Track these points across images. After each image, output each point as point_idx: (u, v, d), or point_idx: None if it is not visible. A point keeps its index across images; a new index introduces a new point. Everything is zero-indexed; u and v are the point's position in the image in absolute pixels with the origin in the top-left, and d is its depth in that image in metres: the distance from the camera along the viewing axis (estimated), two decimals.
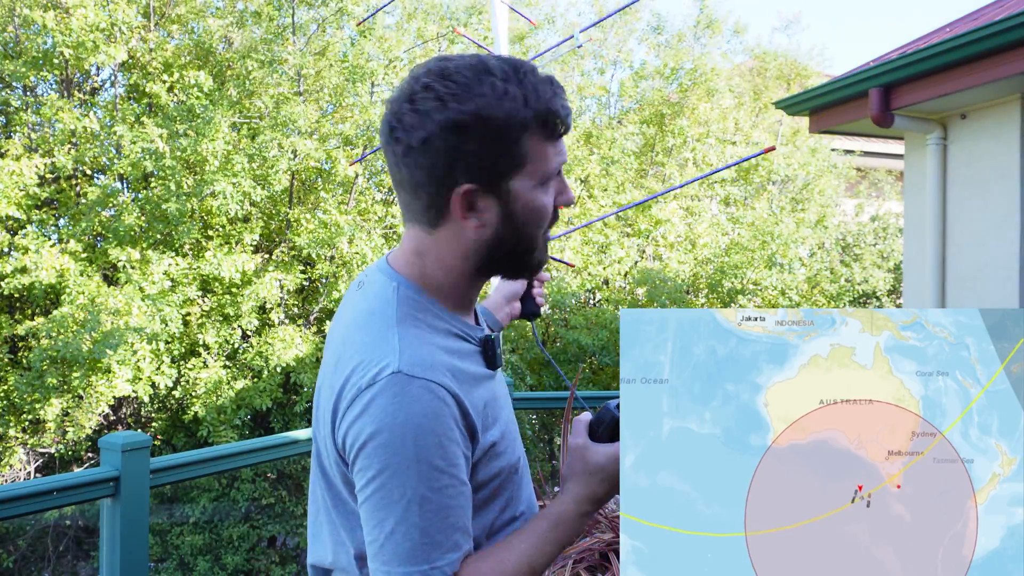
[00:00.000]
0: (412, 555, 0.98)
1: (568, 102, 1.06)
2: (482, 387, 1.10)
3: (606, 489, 1.10)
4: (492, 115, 1.01)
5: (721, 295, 9.49)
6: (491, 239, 1.08)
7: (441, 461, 0.99)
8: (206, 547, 6.70)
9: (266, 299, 7.46)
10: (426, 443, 0.98)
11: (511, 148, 1.03)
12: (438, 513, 0.99)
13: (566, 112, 1.05)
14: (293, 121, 7.52)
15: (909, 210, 5.24)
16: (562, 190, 1.10)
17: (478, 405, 1.07)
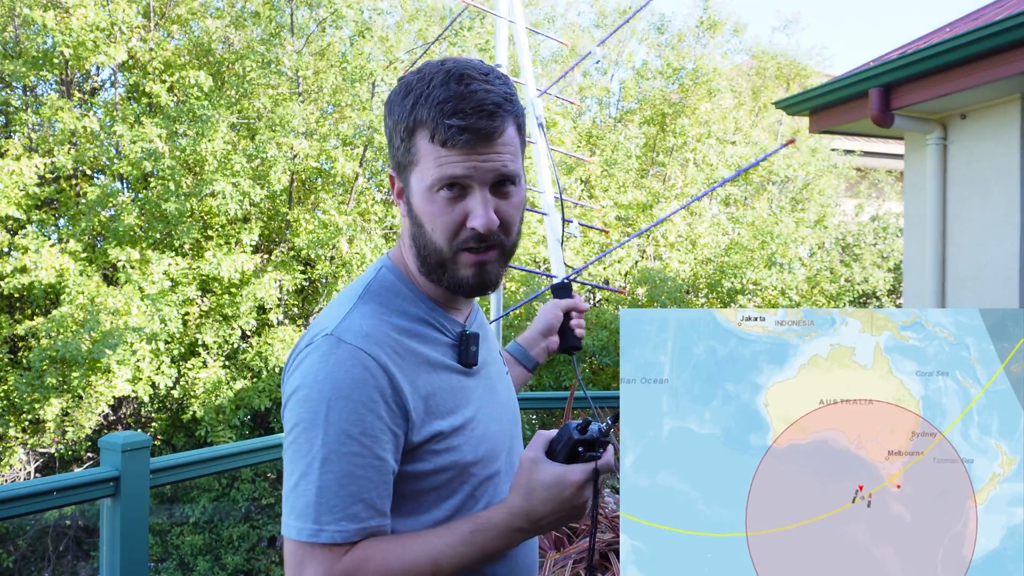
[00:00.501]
0: (304, 511, 0.99)
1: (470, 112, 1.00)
2: (439, 376, 1.08)
3: (547, 510, 1.01)
4: (393, 105, 1.07)
5: (721, 295, 9.49)
6: (415, 236, 1.09)
7: (353, 428, 0.99)
8: (206, 547, 6.70)
9: (265, 299, 7.47)
10: (340, 407, 0.99)
11: (407, 144, 1.05)
12: (339, 478, 0.98)
13: (458, 124, 1.00)
14: (289, 121, 7.52)
15: (909, 210, 5.24)
16: (474, 211, 1.03)
17: (422, 389, 1.05)
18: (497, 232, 1.05)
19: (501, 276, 1.11)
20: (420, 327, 1.10)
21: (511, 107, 1.05)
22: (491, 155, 1.02)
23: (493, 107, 1.02)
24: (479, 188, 1.03)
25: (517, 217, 1.09)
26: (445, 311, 1.13)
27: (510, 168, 1.04)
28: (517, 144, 1.07)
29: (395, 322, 1.07)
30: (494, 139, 1.02)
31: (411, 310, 1.10)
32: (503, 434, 1.17)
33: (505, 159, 1.04)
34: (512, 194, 1.07)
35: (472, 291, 1.09)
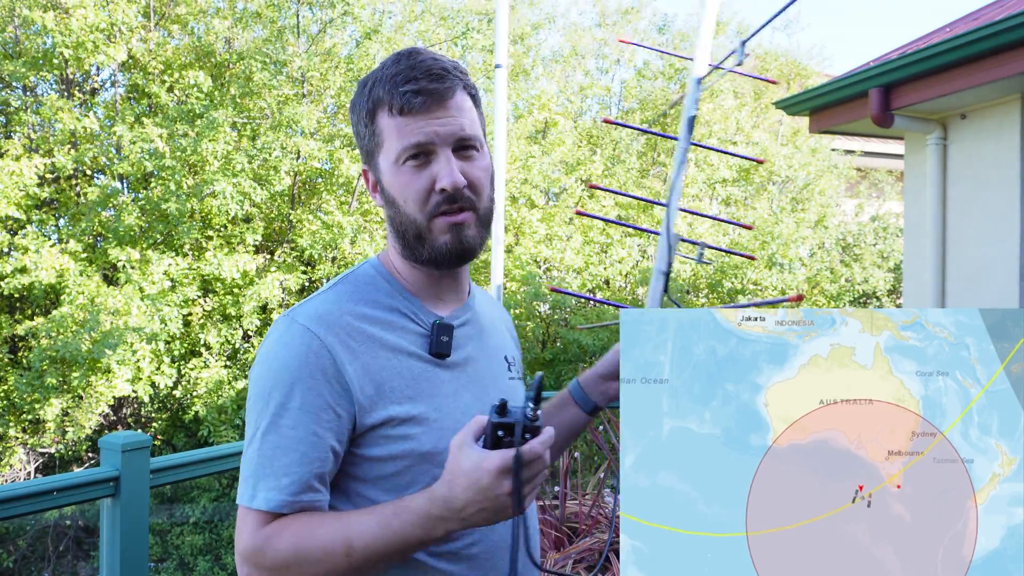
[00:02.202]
0: (246, 478, 1.04)
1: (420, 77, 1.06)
2: (400, 362, 1.09)
3: (467, 498, 0.95)
4: (356, 100, 1.13)
5: (721, 295, 9.49)
6: (391, 218, 1.13)
7: (291, 402, 1.02)
8: (206, 547, 6.70)
9: (267, 299, 7.47)
10: (282, 380, 1.03)
11: (371, 128, 1.11)
12: (274, 449, 1.02)
13: (405, 90, 1.06)
14: (296, 122, 7.52)
15: (909, 210, 5.24)
16: (439, 173, 1.07)
17: (377, 374, 1.06)
18: (467, 193, 1.08)
19: (480, 242, 1.12)
20: (390, 315, 1.11)
21: (460, 75, 1.10)
22: (447, 118, 1.07)
23: (442, 71, 1.07)
24: (441, 151, 1.07)
25: (485, 180, 1.11)
26: (424, 303, 1.15)
27: (467, 131, 1.08)
28: (474, 112, 1.11)
29: (359, 310, 1.10)
30: (447, 101, 1.07)
31: (383, 300, 1.12)
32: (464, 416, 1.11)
33: (462, 122, 1.08)
34: (475, 158, 1.10)
35: (452, 257, 1.10)
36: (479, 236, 1.12)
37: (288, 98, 7.97)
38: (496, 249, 3.73)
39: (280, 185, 7.76)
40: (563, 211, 9.61)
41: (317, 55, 8.09)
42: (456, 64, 1.11)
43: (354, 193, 8.45)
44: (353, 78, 8.06)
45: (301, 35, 8.25)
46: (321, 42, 8.25)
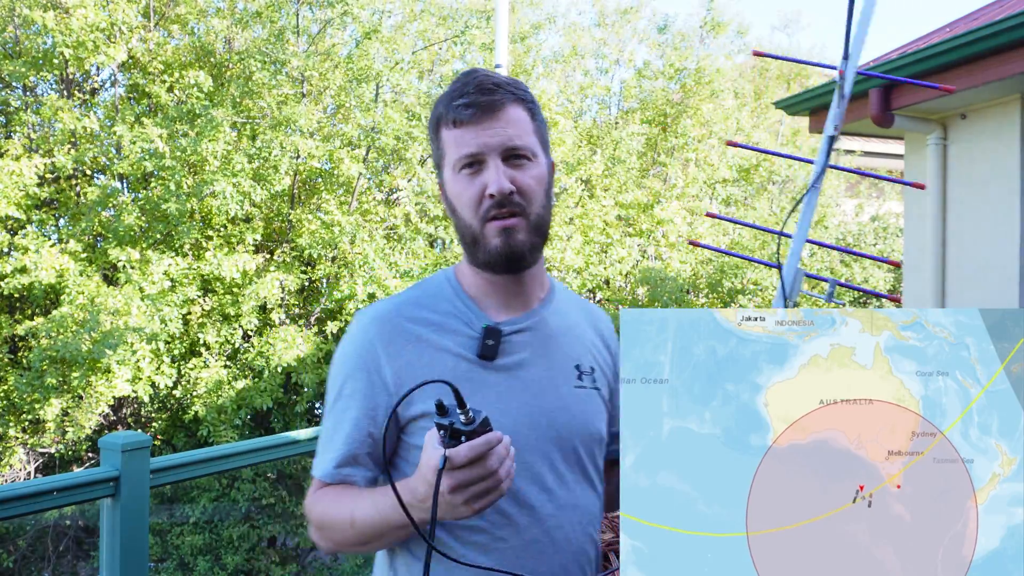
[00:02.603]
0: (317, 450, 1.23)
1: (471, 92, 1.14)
2: (443, 361, 1.17)
3: (424, 492, 1.00)
4: (428, 121, 1.24)
5: (721, 295, 9.49)
6: (455, 224, 1.22)
7: (344, 390, 1.19)
8: (206, 547, 6.70)
9: (267, 299, 7.47)
10: (341, 370, 1.21)
11: (436, 142, 1.21)
12: (329, 430, 1.21)
13: (457, 104, 1.15)
14: (295, 121, 7.52)
15: (909, 210, 5.24)
16: (488, 179, 1.14)
17: (418, 370, 1.16)
18: (517, 199, 1.14)
19: (530, 246, 1.17)
20: (445, 319, 1.21)
21: (514, 89, 1.17)
22: (497, 129, 1.14)
23: (493, 85, 1.15)
24: (491, 159, 1.14)
25: (537, 188, 1.17)
26: (485, 308, 1.23)
27: (516, 142, 1.15)
28: (527, 124, 1.18)
29: (416, 313, 1.21)
30: (496, 113, 1.15)
31: (443, 305, 1.22)
32: (519, 435, 1.15)
33: (510, 133, 1.15)
34: (527, 167, 1.16)
35: (503, 260, 1.16)
36: (529, 241, 1.17)
37: (287, 98, 7.97)
38: None
39: (280, 185, 7.76)
40: (563, 211, 9.62)
41: (317, 55, 8.09)
42: (512, 81, 1.19)
43: (354, 193, 8.45)
44: (353, 78, 8.06)
45: (301, 35, 8.25)
46: (321, 42, 8.25)
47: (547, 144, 1.23)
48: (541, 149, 1.20)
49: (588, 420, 1.24)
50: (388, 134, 7.82)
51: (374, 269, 7.68)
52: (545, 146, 1.22)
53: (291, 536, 7.27)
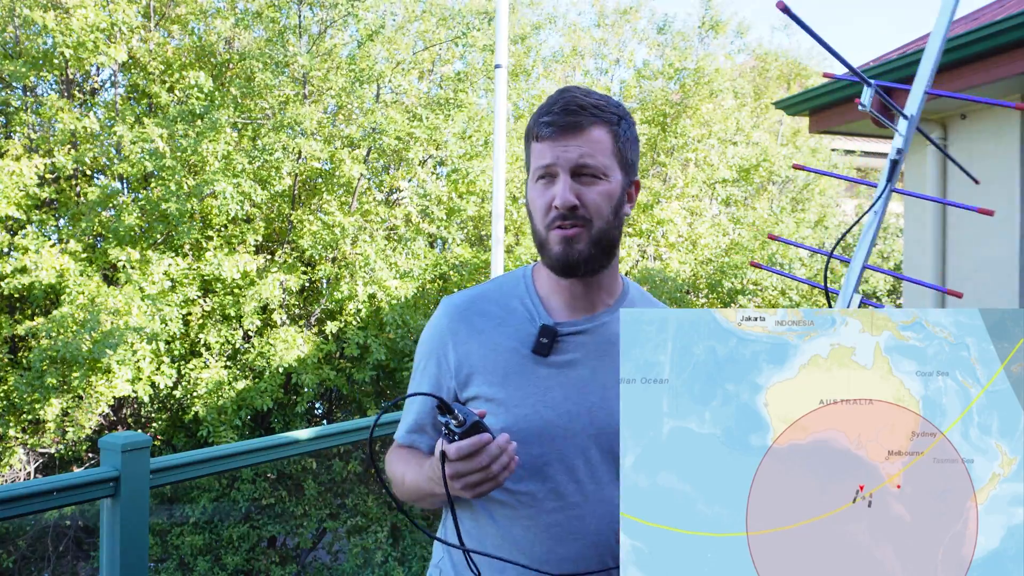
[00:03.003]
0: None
1: (556, 111, 1.25)
2: (499, 352, 1.32)
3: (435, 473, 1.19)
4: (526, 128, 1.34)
5: (721, 295, 9.49)
6: (531, 227, 1.34)
7: (420, 368, 1.39)
8: (206, 547, 6.70)
9: (268, 300, 7.46)
10: (421, 350, 1.40)
11: (526, 151, 1.33)
12: (407, 401, 1.41)
13: (542, 120, 1.26)
14: (299, 123, 7.52)
15: (909, 210, 5.24)
16: (557, 191, 1.25)
17: (477, 358, 1.32)
18: (581, 212, 1.25)
19: (589, 257, 1.27)
20: (510, 314, 1.35)
21: (599, 112, 1.26)
22: (572, 146, 1.24)
23: (577, 108, 1.25)
24: (562, 173, 1.25)
25: (603, 204, 1.26)
26: (550, 307, 1.35)
27: (588, 160, 1.24)
28: (608, 144, 1.27)
29: (485, 307, 1.36)
30: (576, 133, 1.24)
31: (511, 301, 1.36)
32: (558, 426, 1.29)
33: (585, 151, 1.24)
34: (595, 184, 1.26)
35: (561, 266, 1.28)
36: (588, 251, 1.27)
37: (289, 98, 7.96)
38: (496, 249, 3.73)
39: (281, 185, 7.76)
40: None
41: (318, 55, 8.09)
42: (600, 103, 1.27)
43: (354, 193, 8.45)
44: (355, 78, 8.06)
45: (302, 36, 8.25)
46: (322, 42, 8.25)
47: (629, 165, 1.31)
48: (619, 169, 1.28)
49: None
50: (390, 135, 7.82)
51: (375, 270, 7.68)
52: (626, 166, 1.30)
53: (291, 536, 7.27)
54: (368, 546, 6.78)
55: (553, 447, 1.28)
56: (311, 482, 7.10)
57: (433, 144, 8.45)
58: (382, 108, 8.18)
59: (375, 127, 7.94)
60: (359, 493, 7.28)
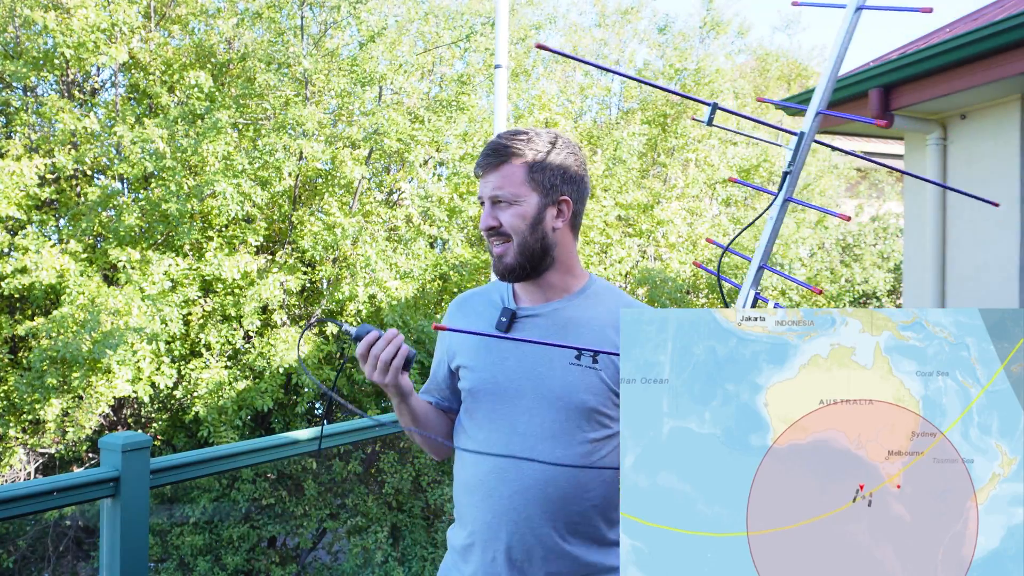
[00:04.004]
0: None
1: (482, 153, 1.60)
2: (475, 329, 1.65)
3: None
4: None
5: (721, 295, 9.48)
6: None
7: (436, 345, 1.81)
8: (206, 547, 6.70)
9: (268, 300, 7.46)
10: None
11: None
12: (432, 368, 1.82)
13: (478, 160, 1.60)
14: (301, 124, 7.51)
15: (909, 210, 5.24)
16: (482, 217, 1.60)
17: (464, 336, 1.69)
18: (502, 230, 1.57)
19: (518, 265, 1.58)
20: (490, 305, 1.69)
21: (513, 151, 1.56)
22: (489, 180, 1.58)
23: (493, 150, 1.58)
24: (485, 202, 1.59)
25: (517, 223, 1.56)
26: (518, 299, 1.67)
27: (498, 192, 1.56)
28: (520, 176, 1.57)
29: (477, 298, 1.74)
30: (491, 169, 1.58)
31: (494, 296, 1.71)
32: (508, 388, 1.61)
33: (496, 184, 1.56)
34: (509, 208, 1.56)
35: (497, 273, 1.62)
36: (515, 261, 1.58)
37: (290, 99, 7.96)
38: None
39: (281, 186, 7.76)
40: None
41: (320, 56, 8.09)
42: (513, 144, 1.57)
43: (355, 194, 8.45)
44: (356, 79, 8.06)
45: (304, 36, 8.24)
46: (324, 43, 8.25)
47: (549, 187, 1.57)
48: (535, 193, 1.56)
49: (572, 391, 1.57)
50: (391, 136, 7.82)
51: (375, 271, 7.68)
52: (545, 189, 1.57)
53: (291, 536, 7.27)
54: (368, 546, 6.78)
55: (503, 404, 1.60)
56: (311, 482, 7.10)
57: (434, 146, 8.46)
58: (383, 110, 8.18)
59: (376, 129, 7.94)
60: (359, 493, 7.28)
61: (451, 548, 1.70)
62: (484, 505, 1.58)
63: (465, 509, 1.64)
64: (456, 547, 1.67)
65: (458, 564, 1.66)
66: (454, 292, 9.14)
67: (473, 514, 1.61)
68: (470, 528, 1.62)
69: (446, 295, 9.23)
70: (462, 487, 1.66)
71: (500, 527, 1.56)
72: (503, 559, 1.56)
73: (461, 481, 1.66)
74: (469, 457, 1.64)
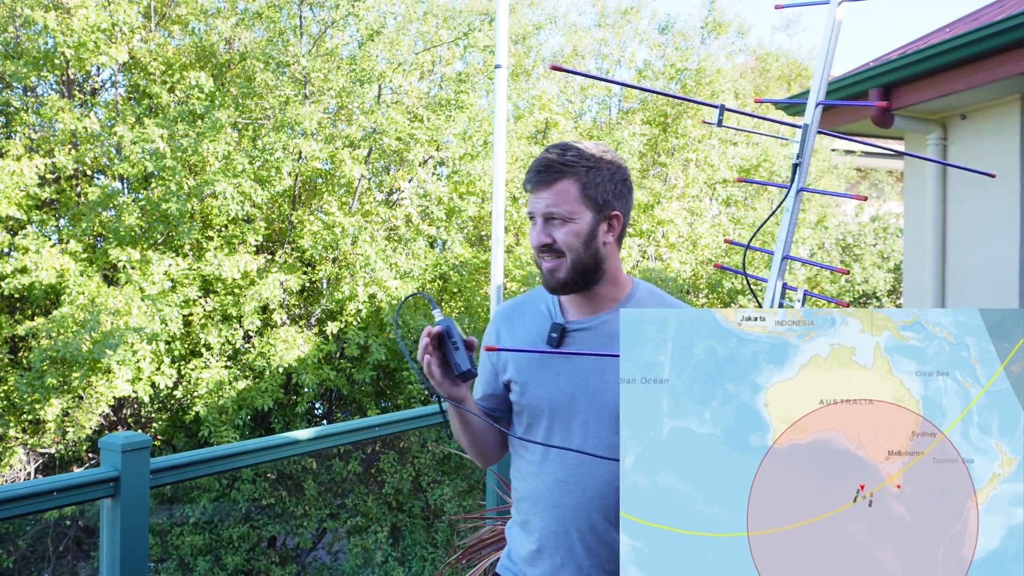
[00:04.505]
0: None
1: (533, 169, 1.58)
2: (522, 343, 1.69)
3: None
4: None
5: (721, 295, 9.49)
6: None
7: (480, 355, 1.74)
8: (206, 547, 6.70)
9: (268, 300, 7.46)
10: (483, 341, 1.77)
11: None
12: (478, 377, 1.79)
13: (528, 176, 1.59)
14: (299, 123, 7.51)
15: (909, 210, 5.24)
16: (534, 232, 1.60)
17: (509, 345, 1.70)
18: (556, 247, 1.57)
19: (569, 280, 1.59)
20: (538, 316, 1.70)
21: (566, 168, 1.57)
22: (543, 197, 1.57)
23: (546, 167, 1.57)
24: (538, 218, 1.59)
25: (572, 240, 1.57)
26: (567, 310, 1.68)
27: (553, 209, 1.56)
28: (574, 193, 1.57)
29: (521, 309, 1.74)
30: (545, 187, 1.57)
31: (540, 305, 1.72)
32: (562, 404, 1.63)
33: (551, 201, 1.56)
34: (564, 225, 1.57)
35: (548, 288, 1.63)
36: (567, 276, 1.59)
37: (289, 99, 7.96)
38: (496, 249, 3.73)
39: (281, 185, 7.76)
40: None
41: (319, 55, 8.09)
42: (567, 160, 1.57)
43: (355, 194, 8.45)
44: (356, 79, 8.05)
45: (303, 36, 8.24)
46: (323, 42, 8.25)
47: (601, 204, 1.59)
48: (589, 210, 1.57)
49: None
50: (391, 135, 7.81)
51: (375, 270, 7.68)
52: (597, 206, 1.58)
53: (291, 536, 7.27)
54: (368, 546, 6.78)
55: (558, 420, 1.63)
56: (311, 482, 7.10)
57: (434, 145, 8.45)
58: (383, 109, 8.17)
59: (376, 128, 7.94)
60: (359, 493, 7.28)
61: (514, 553, 1.73)
62: (550, 516, 1.63)
63: (531, 517, 1.68)
64: (522, 554, 1.70)
65: (524, 568, 1.70)
66: (454, 292, 9.14)
67: (539, 523, 1.65)
68: (538, 535, 1.66)
69: (446, 295, 9.23)
70: (526, 497, 1.69)
71: (567, 535, 1.61)
72: (571, 563, 1.61)
73: (525, 491, 1.69)
74: (527, 468, 1.68)
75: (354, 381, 8.27)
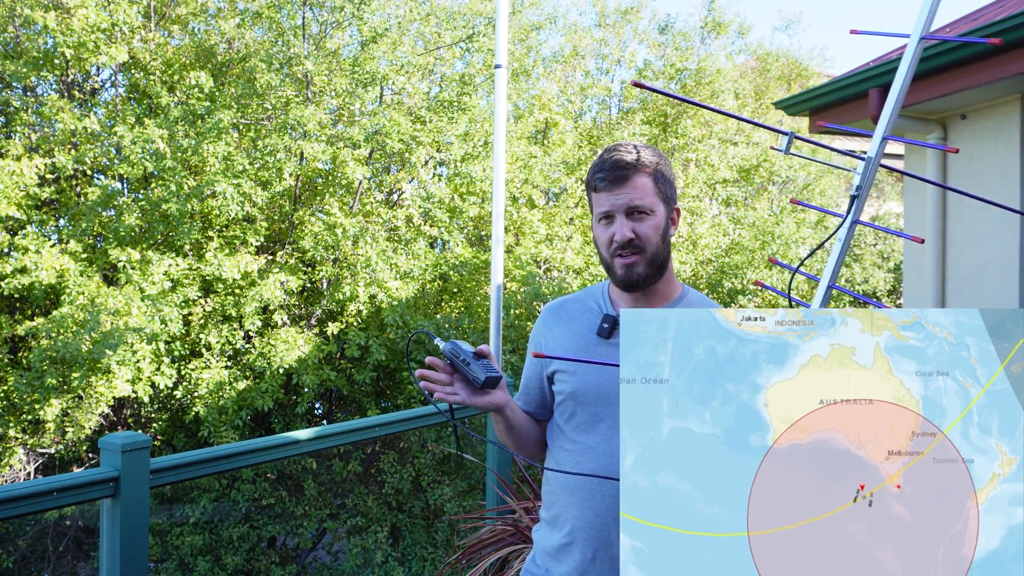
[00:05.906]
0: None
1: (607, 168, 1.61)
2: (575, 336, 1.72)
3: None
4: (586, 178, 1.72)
5: (721, 295, 9.49)
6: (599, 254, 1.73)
7: (528, 349, 1.82)
8: (206, 547, 6.70)
9: (269, 300, 7.46)
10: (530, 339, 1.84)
11: (588, 196, 1.70)
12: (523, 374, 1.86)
13: (597, 176, 1.63)
14: (302, 124, 7.51)
15: (909, 210, 5.24)
16: (614, 229, 1.62)
17: (560, 341, 1.73)
18: (636, 243, 1.60)
19: (647, 275, 1.63)
20: (588, 311, 1.74)
21: (640, 165, 1.61)
22: (623, 193, 1.60)
23: (623, 165, 1.61)
24: (618, 215, 1.61)
25: (652, 234, 1.62)
26: (614, 304, 1.72)
27: (636, 203, 1.60)
28: (650, 187, 1.62)
29: (571, 305, 1.78)
30: (624, 183, 1.60)
31: (589, 303, 1.76)
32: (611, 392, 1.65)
33: (633, 196, 1.60)
34: (644, 219, 1.61)
35: (624, 284, 1.65)
36: (645, 271, 1.62)
37: (291, 99, 7.96)
38: (496, 249, 3.73)
39: (282, 185, 7.76)
40: (563, 211, 9.61)
41: (321, 57, 8.08)
42: (638, 158, 1.61)
43: (355, 194, 8.45)
44: (357, 80, 8.06)
45: (305, 36, 8.24)
46: (324, 43, 8.25)
47: (668, 198, 1.65)
48: (662, 203, 1.63)
49: None
50: (392, 137, 7.81)
51: (376, 271, 7.68)
52: (666, 200, 1.64)
53: (291, 536, 7.27)
54: (368, 546, 6.78)
55: (606, 408, 1.65)
56: (311, 482, 7.10)
57: (435, 146, 8.45)
58: (384, 110, 8.17)
59: (377, 129, 7.94)
60: (359, 493, 7.28)
61: (540, 550, 1.73)
62: (587, 504, 1.63)
63: (563, 509, 1.68)
64: (549, 548, 1.70)
65: (548, 564, 1.69)
66: (454, 292, 9.14)
67: (573, 513, 1.65)
68: (569, 527, 1.66)
69: (446, 295, 9.23)
70: (560, 488, 1.69)
71: (603, 525, 1.62)
72: (604, 555, 1.62)
73: (560, 482, 1.69)
74: (567, 458, 1.68)
75: (354, 381, 8.27)
